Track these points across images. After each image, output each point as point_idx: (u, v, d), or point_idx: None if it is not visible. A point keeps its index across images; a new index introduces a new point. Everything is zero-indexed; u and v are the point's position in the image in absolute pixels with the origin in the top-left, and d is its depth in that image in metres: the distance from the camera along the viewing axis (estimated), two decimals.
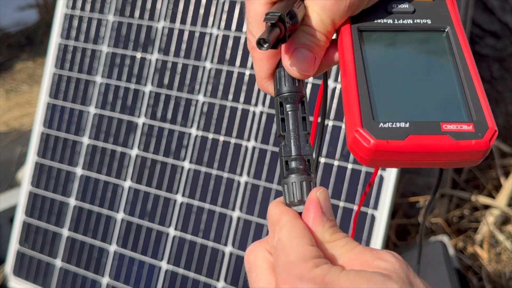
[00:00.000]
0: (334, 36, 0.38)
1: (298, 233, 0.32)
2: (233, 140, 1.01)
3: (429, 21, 0.36)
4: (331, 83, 0.95)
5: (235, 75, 1.01)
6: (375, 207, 0.90)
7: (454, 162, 0.32)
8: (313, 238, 0.32)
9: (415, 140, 0.31)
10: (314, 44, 0.36)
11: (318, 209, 0.33)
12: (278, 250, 0.31)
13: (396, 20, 0.36)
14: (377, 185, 0.90)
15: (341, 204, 0.92)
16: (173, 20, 1.07)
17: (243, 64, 1.01)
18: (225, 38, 1.03)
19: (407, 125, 0.31)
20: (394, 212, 1.27)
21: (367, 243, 0.90)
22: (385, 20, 0.37)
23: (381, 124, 0.32)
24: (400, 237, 1.27)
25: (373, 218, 0.90)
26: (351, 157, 0.92)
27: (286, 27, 0.33)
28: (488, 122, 0.32)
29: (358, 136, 0.32)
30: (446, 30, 0.36)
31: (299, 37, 0.36)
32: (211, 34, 1.04)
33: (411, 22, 0.36)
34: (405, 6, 0.37)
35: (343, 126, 0.93)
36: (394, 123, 0.32)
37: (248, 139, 0.99)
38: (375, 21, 0.37)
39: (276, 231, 0.32)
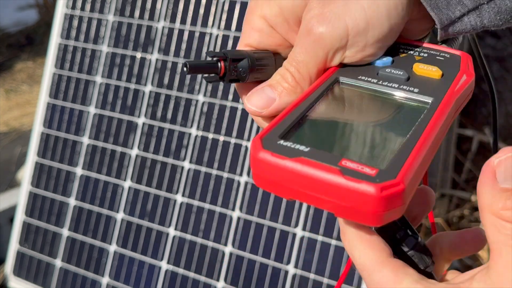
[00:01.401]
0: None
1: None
2: (233, 140, 1.01)
3: (415, 90, 0.32)
4: None
5: None
6: None
7: (341, 204, 0.26)
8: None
9: (302, 162, 0.26)
10: (278, 84, 0.33)
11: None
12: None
13: (381, 81, 0.33)
14: None
15: None
16: (173, 20, 1.07)
17: None
18: (225, 38, 1.03)
19: (307, 149, 0.27)
20: None
21: None
22: (370, 79, 0.33)
23: (282, 141, 0.28)
24: None
25: None
26: None
27: (226, 69, 0.33)
28: (398, 175, 0.26)
29: (251, 146, 0.29)
30: (426, 106, 0.31)
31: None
32: (211, 34, 1.04)
33: (396, 86, 0.32)
34: (399, 72, 0.33)
35: None
36: (295, 145, 0.28)
37: (248, 139, 0.99)
38: (359, 77, 0.33)
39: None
